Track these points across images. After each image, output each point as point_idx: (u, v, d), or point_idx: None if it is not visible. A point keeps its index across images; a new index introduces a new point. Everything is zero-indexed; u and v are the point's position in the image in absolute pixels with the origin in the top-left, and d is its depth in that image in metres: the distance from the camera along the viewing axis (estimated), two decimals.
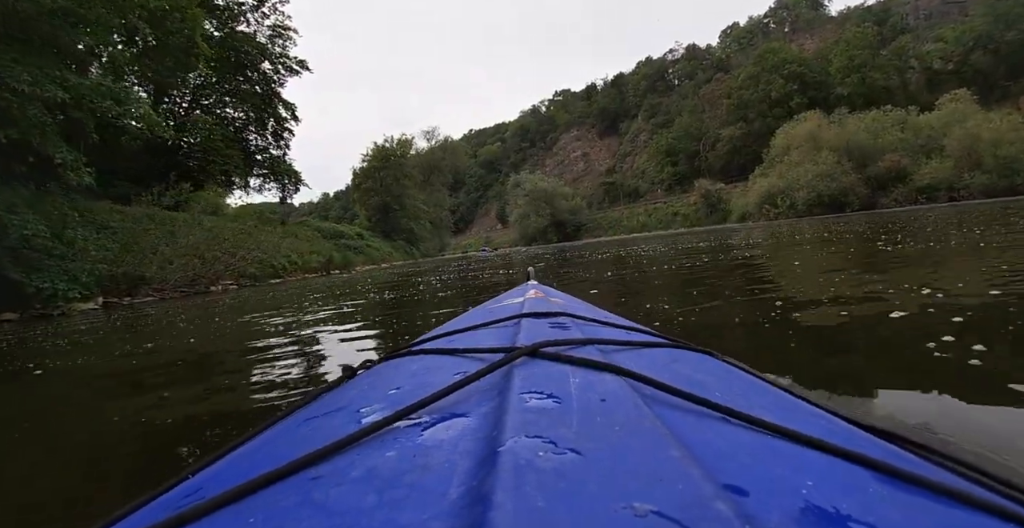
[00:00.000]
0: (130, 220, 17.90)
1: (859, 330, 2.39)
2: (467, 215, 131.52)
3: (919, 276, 3.74)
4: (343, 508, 0.32)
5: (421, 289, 8.42)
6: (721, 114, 79.23)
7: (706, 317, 3.15)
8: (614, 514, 0.27)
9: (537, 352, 0.59)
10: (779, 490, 0.33)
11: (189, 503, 0.37)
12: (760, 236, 14.58)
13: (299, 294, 10.94)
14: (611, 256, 12.25)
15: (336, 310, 6.31)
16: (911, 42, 69.63)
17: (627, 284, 5.87)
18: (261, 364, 3.24)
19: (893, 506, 0.33)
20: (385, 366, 0.78)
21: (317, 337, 4.19)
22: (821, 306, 3.01)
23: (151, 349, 4.54)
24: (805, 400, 0.63)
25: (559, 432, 0.38)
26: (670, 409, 0.46)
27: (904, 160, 38.59)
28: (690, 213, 66.83)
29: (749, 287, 4.33)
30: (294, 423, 0.59)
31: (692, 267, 6.76)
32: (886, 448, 0.47)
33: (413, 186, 52.83)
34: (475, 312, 1.43)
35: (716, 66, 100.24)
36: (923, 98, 51.92)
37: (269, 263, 21.32)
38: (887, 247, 6.47)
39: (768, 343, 2.40)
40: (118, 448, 2.00)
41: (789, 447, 0.41)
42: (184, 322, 6.91)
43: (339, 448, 0.41)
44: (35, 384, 3.45)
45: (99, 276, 13.86)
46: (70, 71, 12.88)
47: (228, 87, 30.44)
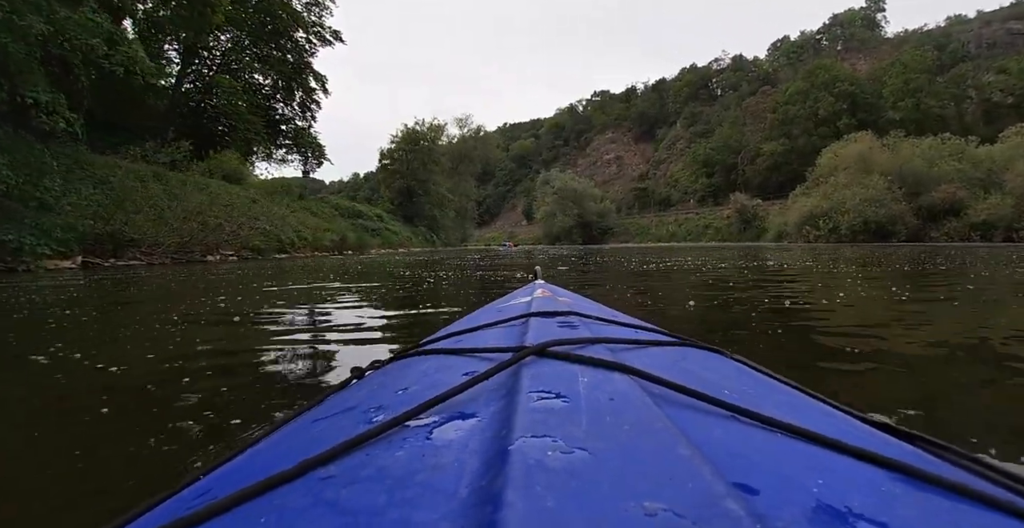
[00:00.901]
0: (134, 177, 16.84)
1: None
2: (493, 208, 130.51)
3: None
4: (354, 508, 0.33)
5: (423, 284, 7.02)
6: (764, 128, 76.74)
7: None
8: (624, 513, 0.27)
9: (545, 351, 0.58)
10: (791, 489, 0.33)
11: (200, 504, 0.37)
12: (814, 260, 12.94)
13: (295, 272, 9.63)
14: (644, 268, 10.78)
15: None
16: (971, 71, 66.78)
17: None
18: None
19: (907, 506, 0.33)
20: (394, 366, 0.79)
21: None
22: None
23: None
24: (817, 399, 0.62)
25: (568, 431, 0.38)
26: (680, 408, 0.46)
27: (961, 192, 36.01)
28: (723, 227, 64.46)
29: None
30: (304, 424, 0.60)
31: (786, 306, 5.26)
32: (902, 448, 0.46)
33: (440, 173, 51.58)
34: (483, 311, 1.40)
35: (762, 79, 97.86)
36: (979, 130, 49.16)
37: (276, 236, 20.13)
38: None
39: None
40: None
41: (801, 446, 0.41)
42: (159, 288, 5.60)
43: (349, 448, 0.42)
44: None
45: (82, 233, 12.73)
46: (60, 3, 11.56)
47: (259, 53, 29.45)
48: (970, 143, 40.91)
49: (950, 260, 10.64)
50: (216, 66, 28.44)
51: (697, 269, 9.12)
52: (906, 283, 6.00)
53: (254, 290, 6.18)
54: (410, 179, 47.69)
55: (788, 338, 2.86)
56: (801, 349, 2.64)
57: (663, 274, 8.13)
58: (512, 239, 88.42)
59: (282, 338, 3.06)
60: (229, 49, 28.81)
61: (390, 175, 49.60)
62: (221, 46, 28.74)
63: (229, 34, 28.31)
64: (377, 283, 7.20)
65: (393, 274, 9.13)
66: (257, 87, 30.31)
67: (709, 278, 7.16)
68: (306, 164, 32.47)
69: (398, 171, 48.45)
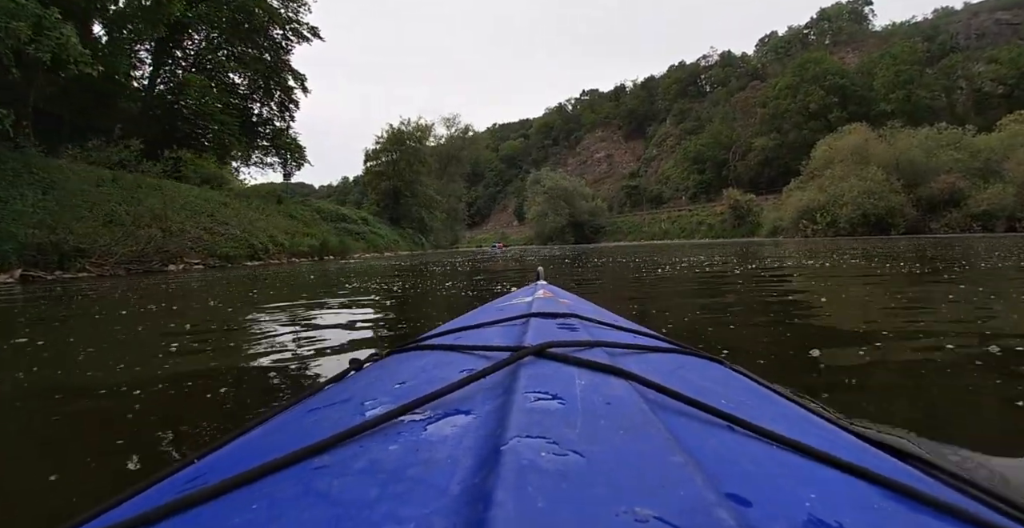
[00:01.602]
0: (84, 180, 15.55)
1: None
2: (484, 209, 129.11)
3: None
4: (344, 499, 0.32)
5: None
6: (754, 123, 75.71)
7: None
8: (615, 518, 0.27)
9: (544, 352, 0.58)
10: (782, 501, 0.32)
11: (191, 488, 0.37)
12: (815, 256, 11.87)
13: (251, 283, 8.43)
14: (640, 268, 9.66)
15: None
16: (961, 61, 66.14)
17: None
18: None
19: (897, 524, 0.33)
20: (391, 360, 0.78)
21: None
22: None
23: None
24: (813, 412, 0.62)
25: (562, 433, 0.38)
26: (675, 415, 0.45)
27: (960, 182, 35.11)
28: (716, 223, 63.21)
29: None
30: (299, 413, 0.59)
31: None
32: (895, 465, 0.46)
33: (428, 174, 50.21)
34: (484, 309, 1.38)
35: (751, 74, 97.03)
36: (971, 120, 48.33)
37: (247, 241, 18.86)
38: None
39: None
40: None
41: (794, 459, 0.40)
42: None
43: (342, 439, 0.41)
44: None
45: (22, 243, 11.48)
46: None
47: (234, 51, 28.15)
48: (967, 132, 40.13)
49: (968, 252, 9.59)
50: (190, 66, 27.13)
51: (698, 270, 8.00)
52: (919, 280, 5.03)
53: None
54: (396, 180, 46.26)
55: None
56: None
57: (670, 279, 7.00)
58: (503, 240, 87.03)
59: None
60: (203, 48, 27.53)
61: (375, 177, 48.16)
62: (195, 45, 27.47)
63: (203, 33, 27.03)
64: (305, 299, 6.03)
65: (334, 282, 7.95)
66: (232, 87, 29.00)
67: (721, 280, 6.04)
68: (285, 166, 31.13)
69: (384, 172, 47.07)
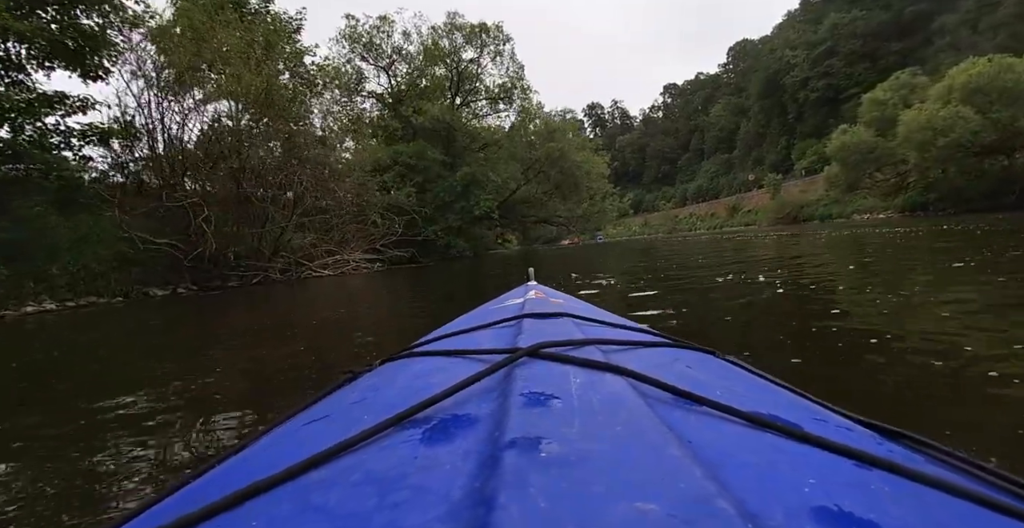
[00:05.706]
0: None
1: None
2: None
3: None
4: (344, 511, 0.32)
5: None
6: None
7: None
8: (617, 514, 0.27)
9: (538, 353, 0.58)
10: (781, 488, 0.33)
11: (188, 509, 0.36)
12: None
13: None
14: None
15: None
16: None
17: None
18: None
19: (896, 503, 0.33)
20: (386, 368, 0.77)
21: None
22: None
23: None
24: (807, 398, 0.62)
25: (561, 432, 0.38)
26: (671, 408, 0.45)
27: None
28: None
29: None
30: (293, 427, 0.59)
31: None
32: (890, 446, 0.46)
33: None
34: (475, 313, 1.38)
35: None
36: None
37: None
38: None
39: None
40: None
41: (791, 445, 0.40)
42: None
43: (339, 451, 0.41)
44: None
45: None
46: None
47: None
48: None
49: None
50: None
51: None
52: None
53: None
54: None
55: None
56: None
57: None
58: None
59: None
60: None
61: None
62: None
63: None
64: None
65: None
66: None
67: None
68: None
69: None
